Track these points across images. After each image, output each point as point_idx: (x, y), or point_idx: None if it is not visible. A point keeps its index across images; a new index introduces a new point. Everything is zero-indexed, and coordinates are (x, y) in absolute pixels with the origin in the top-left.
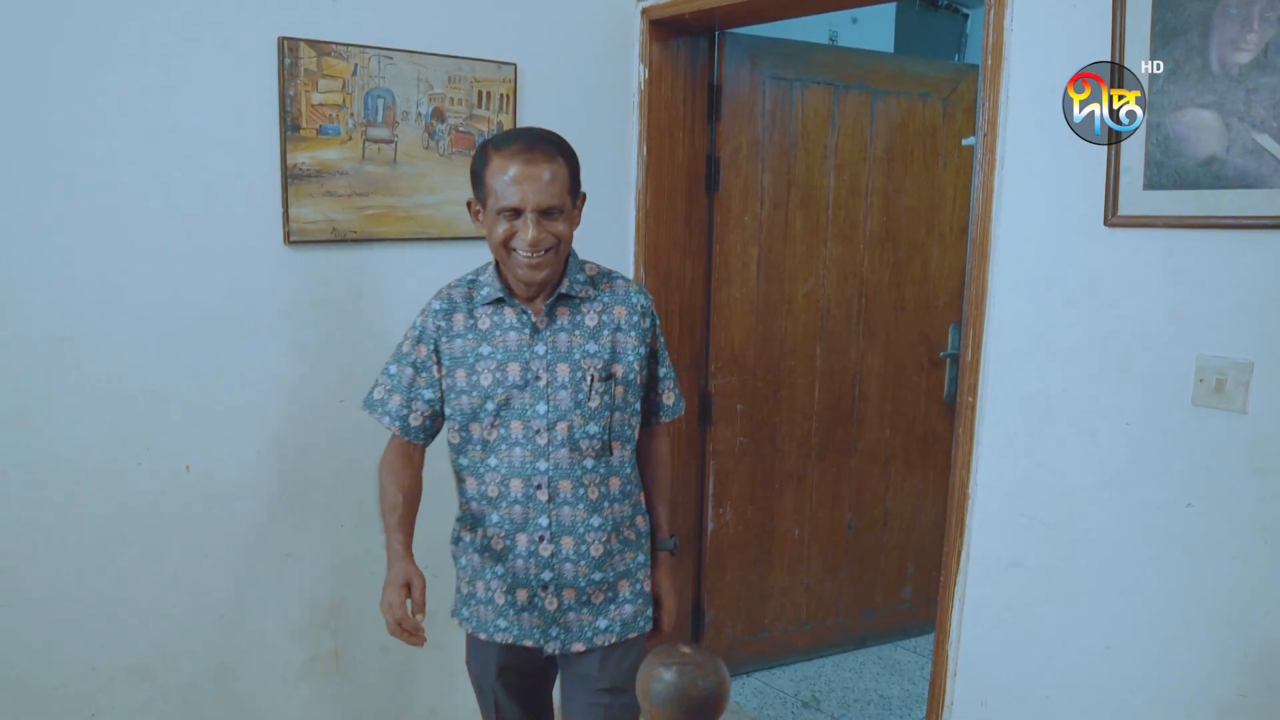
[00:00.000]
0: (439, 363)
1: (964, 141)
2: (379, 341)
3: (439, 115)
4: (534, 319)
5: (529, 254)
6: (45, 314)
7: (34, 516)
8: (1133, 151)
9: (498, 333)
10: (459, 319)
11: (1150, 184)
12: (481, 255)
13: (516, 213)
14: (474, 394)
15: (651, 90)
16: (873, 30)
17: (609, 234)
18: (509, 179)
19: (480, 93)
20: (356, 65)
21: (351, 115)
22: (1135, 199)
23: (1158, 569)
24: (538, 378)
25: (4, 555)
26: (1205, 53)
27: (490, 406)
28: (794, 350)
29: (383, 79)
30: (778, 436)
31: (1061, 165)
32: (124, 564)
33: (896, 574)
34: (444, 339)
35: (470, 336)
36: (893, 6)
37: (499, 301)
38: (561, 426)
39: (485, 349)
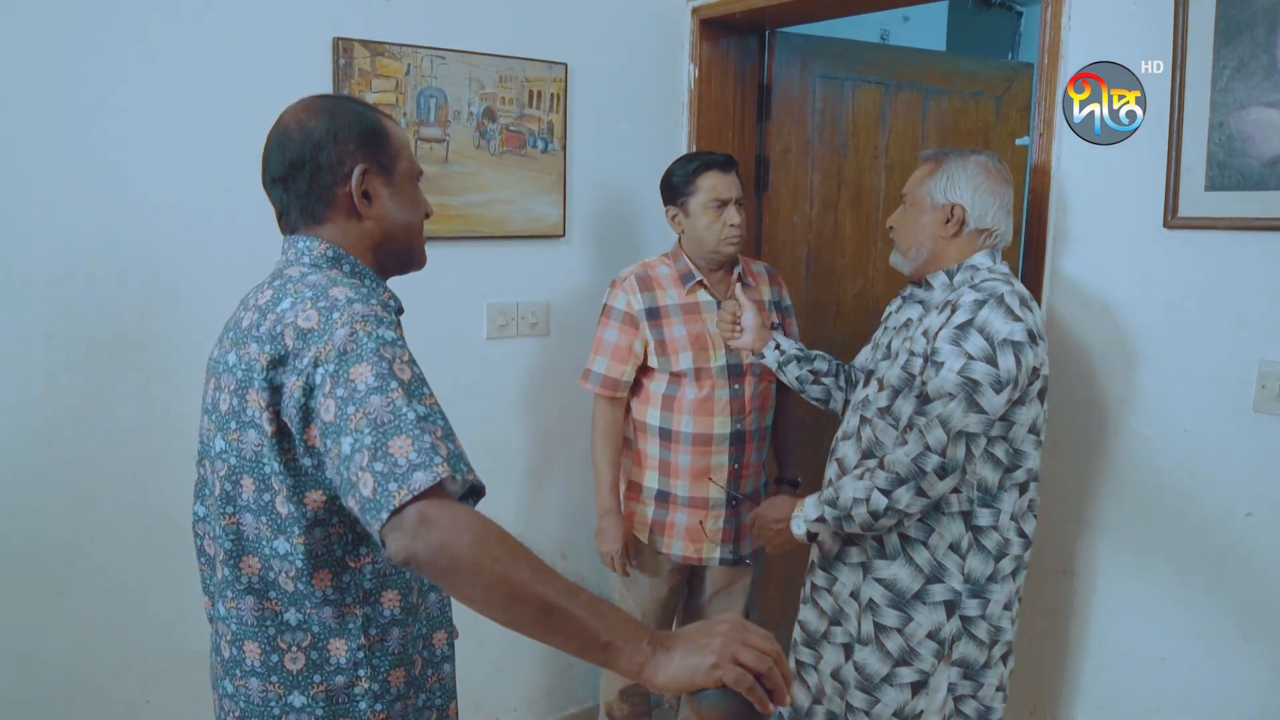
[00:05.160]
0: None
1: (1018, 141)
2: (427, 339)
3: (490, 114)
4: None
5: None
6: (107, 315)
7: (92, 506)
8: (1194, 151)
9: None
10: None
11: (1212, 185)
12: (534, 254)
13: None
14: None
15: (701, 90)
16: (925, 29)
17: (658, 233)
18: (407, 139)
19: (531, 92)
20: (410, 65)
21: (404, 114)
22: (1196, 200)
23: (1215, 579)
24: None
25: (62, 545)
26: (1271, 50)
27: None
28: (842, 352)
29: (435, 78)
30: (825, 439)
31: (1119, 166)
32: (179, 554)
33: None
34: None
35: None
36: (945, 5)
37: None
38: None
39: None
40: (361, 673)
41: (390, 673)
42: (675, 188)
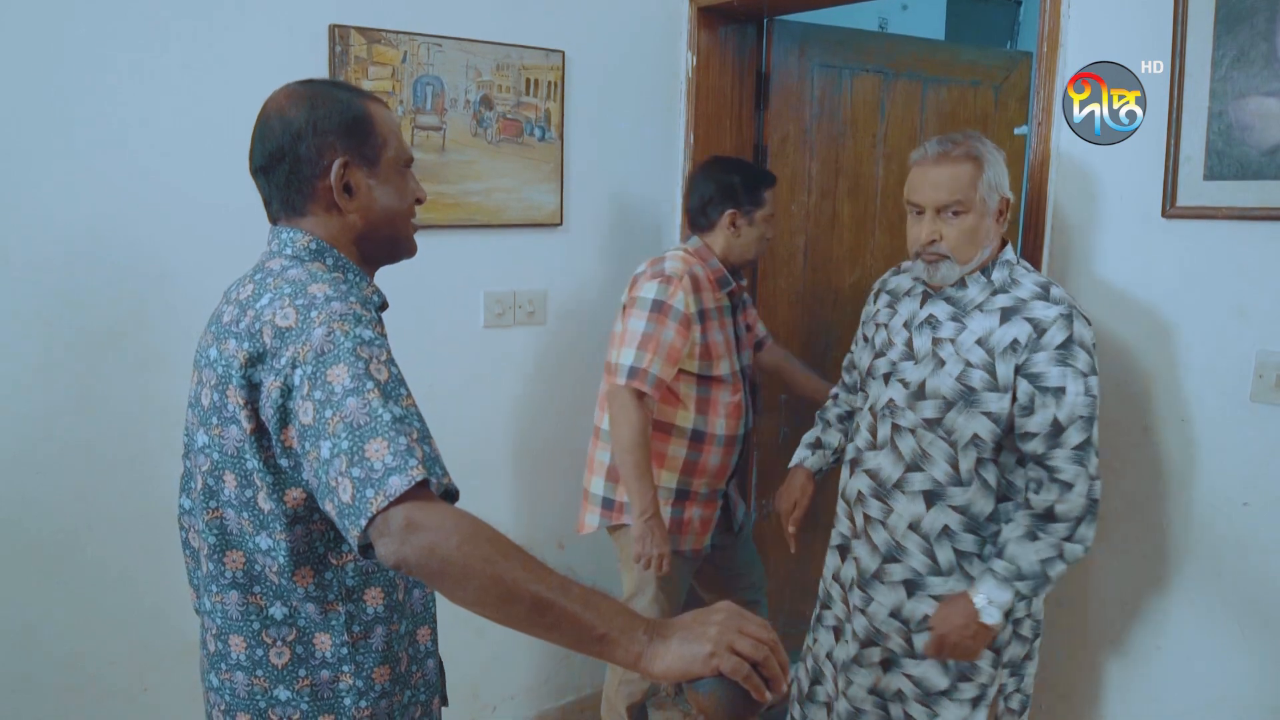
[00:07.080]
0: None
1: (1016, 130)
2: (424, 328)
3: (487, 103)
4: None
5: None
6: (104, 302)
7: (90, 495)
8: (1193, 140)
9: None
10: None
11: (1211, 174)
12: (531, 242)
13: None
14: None
15: (699, 78)
16: (923, 17)
17: (654, 222)
18: (396, 124)
19: (528, 80)
20: (406, 53)
21: (401, 102)
22: (1195, 189)
23: (1212, 569)
24: None
25: (62, 533)
26: (1271, 39)
27: None
28: (840, 341)
29: (432, 66)
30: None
31: (1117, 155)
32: (178, 542)
33: None
34: None
35: None
36: None
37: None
38: None
39: None
40: (346, 668)
41: (375, 670)
42: (750, 194)
